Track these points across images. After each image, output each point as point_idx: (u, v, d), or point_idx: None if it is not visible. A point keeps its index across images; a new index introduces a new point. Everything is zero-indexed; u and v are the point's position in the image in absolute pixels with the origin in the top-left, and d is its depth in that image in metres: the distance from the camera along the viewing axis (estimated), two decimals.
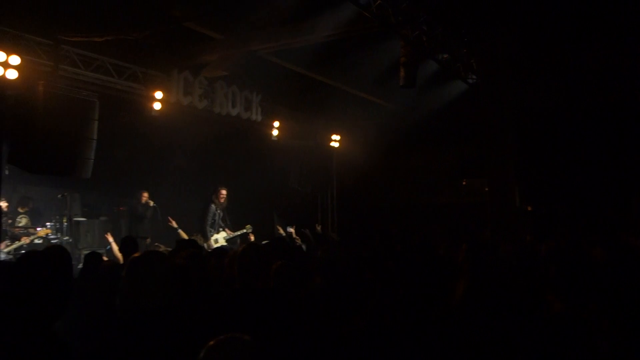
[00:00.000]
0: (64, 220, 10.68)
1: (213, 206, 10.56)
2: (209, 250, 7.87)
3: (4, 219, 9.56)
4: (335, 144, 13.23)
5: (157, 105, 9.08)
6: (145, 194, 10.64)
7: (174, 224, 10.42)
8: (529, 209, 11.68)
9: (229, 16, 8.92)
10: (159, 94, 9.09)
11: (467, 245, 4.68)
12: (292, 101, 11.92)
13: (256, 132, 11.50)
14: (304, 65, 10.28)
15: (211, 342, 1.88)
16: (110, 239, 8.35)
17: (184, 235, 9.77)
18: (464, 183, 14.20)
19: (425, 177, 14.33)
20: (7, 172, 8.33)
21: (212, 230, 10.62)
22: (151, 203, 10.52)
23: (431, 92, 10.88)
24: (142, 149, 12.33)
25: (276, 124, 11.47)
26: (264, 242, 7.92)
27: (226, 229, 10.84)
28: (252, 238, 10.63)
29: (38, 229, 9.97)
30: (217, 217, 10.64)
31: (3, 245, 8.99)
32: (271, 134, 11.38)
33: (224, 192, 10.70)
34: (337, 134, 13.20)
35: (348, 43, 9.19)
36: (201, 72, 9.77)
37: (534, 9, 7.61)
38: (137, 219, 10.55)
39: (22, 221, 9.82)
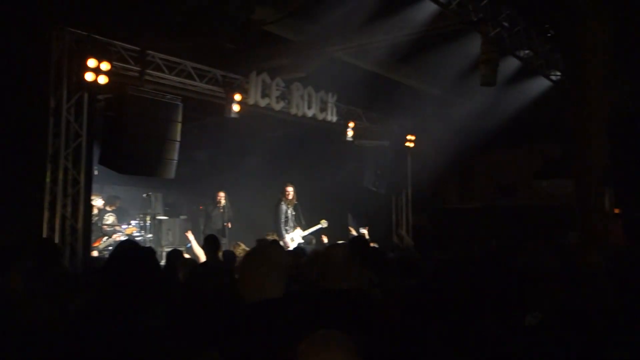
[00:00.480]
0: (148, 219, 11.16)
1: (283, 205, 10.64)
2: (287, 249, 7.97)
3: (94, 217, 10.10)
4: (411, 144, 13.06)
5: (235, 107, 9.28)
6: (221, 194, 10.90)
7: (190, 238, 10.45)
8: (617, 211, 11.08)
9: (305, 19, 9.02)
10: (237, 97, 9.29)
11: (552, 251, 4.49)
12: (368, 101, 11.87)
13: (331, 133, 11.53)
14: (379, 65, 10.23)
15: (308, 338, 1.88)
16: (191, 237, 8.62)
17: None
18: (544, 184, 13.66)
19: (503, 178, 13.91)
20: (96, 173, 8.75)
21: (287, 229, 10.72)
22: (222, 203, 10.75)
23: (511, 89, 10.55)
24: (221, 149, 12.75)
25: (351, 124, 11.46)
26: (339, 242, 7.92)
27: (302, 226, 10.92)
28: (325, 239, 10.65)
29: (124, 226, 10.46)
30: (289, 215, 10.72)
31: (100, 241, 9.53)
32: (346, 134, 11.38)
33: (289, 189, 10.71)
34: (412, 134, 13.03)
35: (425, 42, 9.05)
36: (278, 75, 9.89)
37: (627, 2, 7.21)
38: (211, 219, 10.84)
39: (110, 219, 10.31)
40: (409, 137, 12.98)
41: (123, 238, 10.08)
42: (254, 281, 2.54)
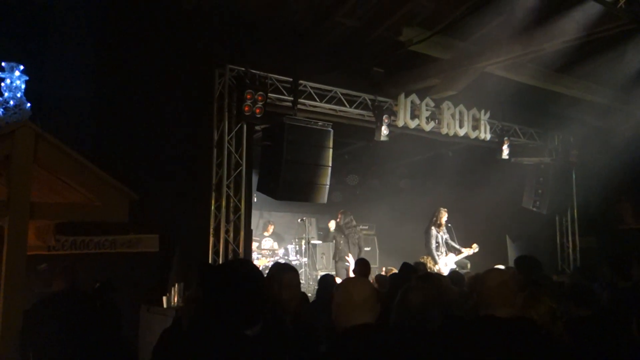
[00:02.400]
0: (303, 243, 11.51)
1: (434, 229, 10.36)
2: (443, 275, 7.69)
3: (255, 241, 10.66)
4: (575, 160, 12.05)
5: (385, 130, 9.25)
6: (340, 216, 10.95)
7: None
8: None
9: (454, 35, 8.78)
10: (387, 119, 9.27)
11: None
12: (524, 116, 11.22)
13: (486, 152, 11.06)
14: (535, 76, 9.60)
15: None
16: (351, 260, 8.70)
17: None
18: None
19: None
20: (255, 200, 9.20)
21: (440, 254, 10.41)
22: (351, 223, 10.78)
23: None
24: (372, 173, 12.86)
25: (506, 141, 10.88)
26: (496, 267, 7.47)
27: (454, 249, 10.56)
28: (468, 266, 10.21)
29: (281, 251, 10.91)
30: (440, 240, 10.41)
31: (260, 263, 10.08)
32: (501, 153, 10.82)
33: (444, 213, 10.45)
34: (576, 149, 12.03)
35: (587, 47, 8.34)
36: (428, 94, 9.72)
37: None
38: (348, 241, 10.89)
39: (267, 243, 10.79)
40: (572, 151, 11.99)
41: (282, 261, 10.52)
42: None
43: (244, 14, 8.32)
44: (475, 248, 10.42)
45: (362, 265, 6.54)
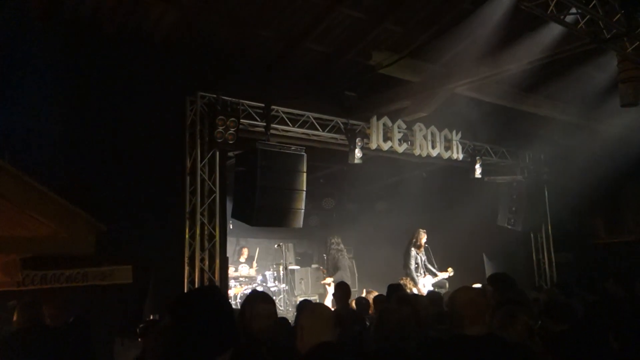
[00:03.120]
0: (280, 269, 11.42)
1: (413, 250, 10.42)
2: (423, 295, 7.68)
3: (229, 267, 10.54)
4: (546, 177, 12.25)
5: (358, 153, 9.30)
6: (335, 239, 10.96)
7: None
8: None
9: (423, 58, 8.94)
10: (360, 142, 9.32)
11: None
12: (495, 135, 11.39)
13: (459, 171, 11.18)
14: (504, 97, 9.79)
15: None
16: (329, 286, 8.66)
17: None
18: None
19: None
20: (230, 227, 9.11)
21: (419, 275, 10.43)
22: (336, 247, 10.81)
23: None
24: (347, 196, 12.90)
25: (478, 160, 11.02)
26: (468, 286, 7.49)
27: (431, 272, 10.60)
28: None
29: (259, 277, 10.79)
30: (420, 261, 10.46)
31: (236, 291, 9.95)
32: (474, 172, 10.95)
33: (423, 234, 10.53)
34: (547, 166, 12.24)
35: (553, 67, 8.55)
36: (400, 117, 9.83)
37: None
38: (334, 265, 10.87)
39: (244, 269, 10.69)
40: (544, 169, 12.20)
41: (259, 288, 10.39)
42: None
43: (214, 42, 8.36)
44: (450, 272, 10.53)
45: (342, 289, 6.50)
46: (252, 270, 10.77)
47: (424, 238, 10.52)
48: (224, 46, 8.45)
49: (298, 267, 12.00)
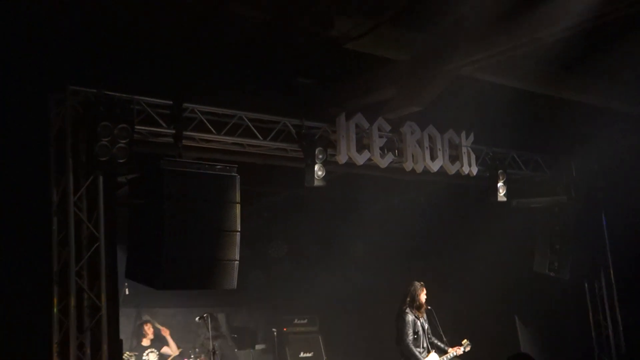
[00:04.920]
0: (209, 352, 11.25)
1: (409, 315, 10.41)
2: None
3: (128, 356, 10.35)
4: (602, 195, 12.42)
5: (320, 171, 9.27)
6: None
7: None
8: None
9: (410, 26, 8.99)
10: (321, 154, 9.30)
11: None
12: (524, 137, 11.54)
13: (472, 192, 11.25)
14: (534, 78, 9.93)
15: None
16: None
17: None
18: None
19: None
20: (126, 292, 8.95)
21: (422, 350, 10.42)
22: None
23: None
24: (308, 237, 12.87)
25: (501, 175, 11.12)
26: None
27: (438, 347, 10.60)
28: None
29: None
30: (419, 330, 10.46)
31: None
32: (496, 193, 11.03)
33: (421, 290, 10.54)
34: (602, 180, 12.41)
35: (602, 35, 8.72)
36: (380, 114, 9.87)
37: None
38: None
39: (150, 357, 10.52)
40: (598, 184, 12.38)
41: None
42: None
43: (96, 16, 8.20)
44: (466, 346, 10.50)
45: None
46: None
47: (423, 295, 10.50)
48: (109, 17, 8.32)
49: (236, 350, 11.87)
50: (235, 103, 8.96)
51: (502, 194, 11.11)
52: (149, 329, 11.07)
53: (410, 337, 10.34)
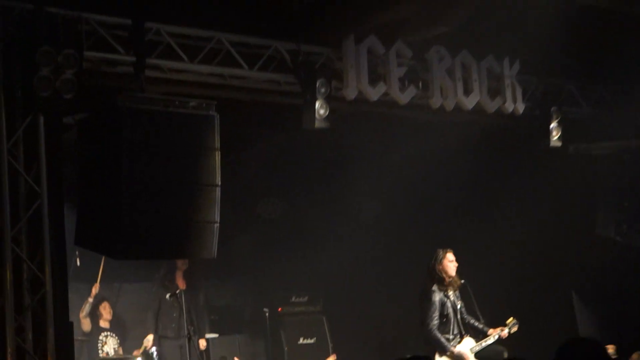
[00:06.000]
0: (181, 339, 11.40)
1: (436, 294, 10.45)
2: None
3: (82, 343, 10.49)
4: None
5: (322, 109, 9.29)
6: None
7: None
8: None
9: None
10: (324, 88, 9.31)
11: None
12: (586, 64, 11.50)
13: (517, 136, 11.26)
14: None
15: None
16: None
17: None
18: None
19: None
20: (78, 263, 9.03)
21: (453, 337, 10.52)
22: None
23: None
24: (306, 191, 12.90)
25: (555, 114, 11.13)
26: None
27: (474, 329, 10.69)
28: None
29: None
30: (449, 311, 10.52)
31: None
32: (549, 136, 11.05)
33: (450, 259, 10.54)
34: None
35: None
36: (399, 33, 9.85)
37: None
38: None
39: (108, 342, 10.65)
40: None
41: None
42: None
43: None
44: (512, 325, 10.53)
45: None
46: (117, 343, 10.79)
47: (452, 266, 10.52)
48: None
49: (215, 335, 11.97)
50: (213, 22, 8.94)
51: (555, 138, 11.12)
52: (105, 309, 11.15)
53: (436, 322, 10.39)
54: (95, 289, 11.05)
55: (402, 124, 11.05)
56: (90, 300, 11.02)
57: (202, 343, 11.64)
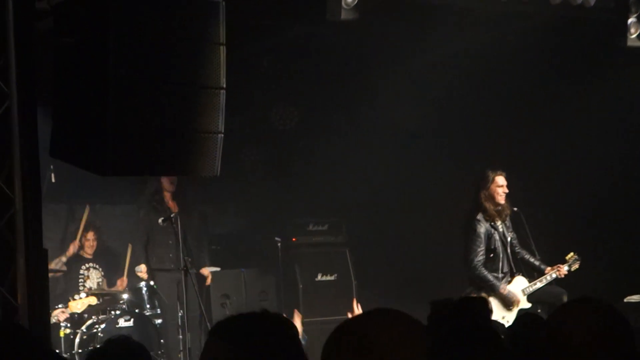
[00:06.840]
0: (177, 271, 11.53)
1: (482, 224, 10.50)
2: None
3: (60, 275, 10.61)
4: None
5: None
6: None
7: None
8: None
9: None
10: None
11: None
12: None
13: (586, 33, 11.23)
14: None
15: None
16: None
17: None
18: None
19: None
20: (53, 179, 9.10)
21: (503, 275, 10.59)
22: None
23: None
24: (327, 96, 12.92)
25: (635, 7, 11.06)
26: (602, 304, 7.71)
27: (529, 266, 10.76)
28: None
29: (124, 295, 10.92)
30: (497, 245, 10.59)
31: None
32: (626, 34, 11.00)
33: (499, 183, 10.57)
34: None
35: None
36: None
37: None
38: None
39: (91, 276, 10.77)
40: None
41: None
42: None
43: None
44: (573, 262, 10.58)
45: None
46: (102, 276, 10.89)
47: (502, 191, 10.56)
48: None
49: (218, 268, 12.08)
50: None
51: (634, 36, 11.07)
52: (88, 239, 11.21)
53: (481, 257, 10.48)
54: (74, 246, 11.08)
55: (444, 15, 10.94)
56: (64, 259, 11.06)
57: (206, 274, 11.73)
